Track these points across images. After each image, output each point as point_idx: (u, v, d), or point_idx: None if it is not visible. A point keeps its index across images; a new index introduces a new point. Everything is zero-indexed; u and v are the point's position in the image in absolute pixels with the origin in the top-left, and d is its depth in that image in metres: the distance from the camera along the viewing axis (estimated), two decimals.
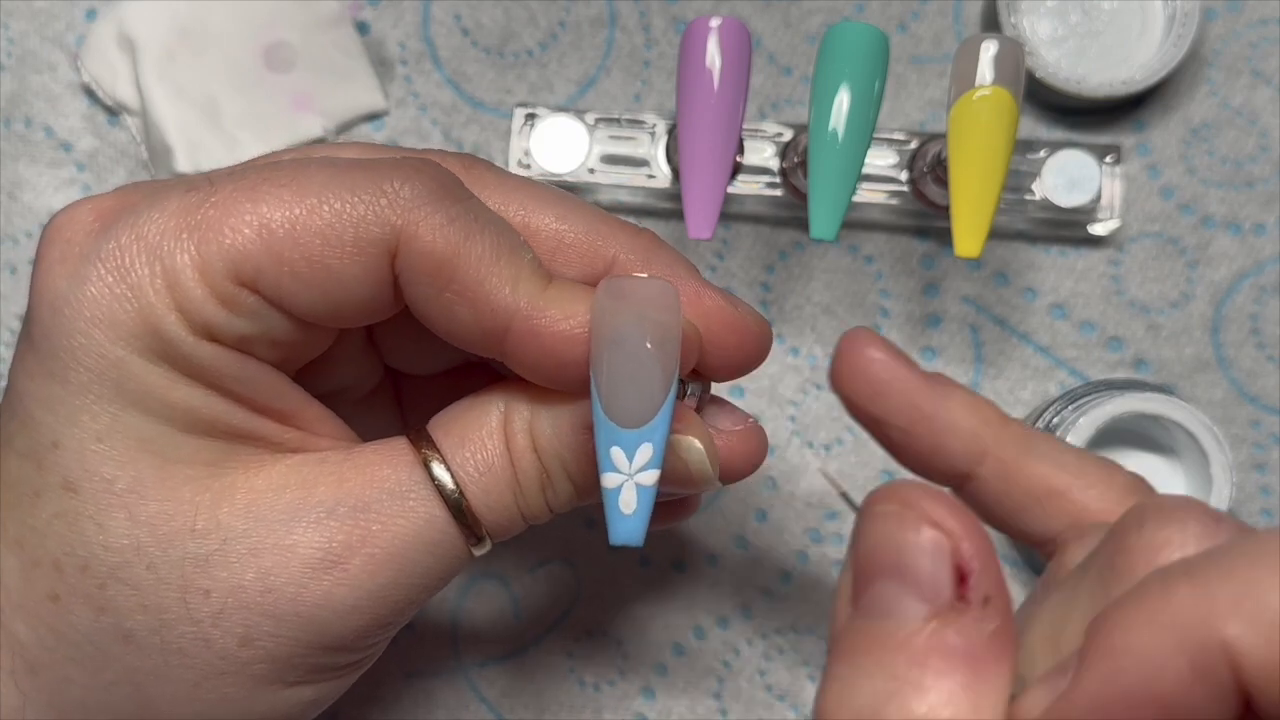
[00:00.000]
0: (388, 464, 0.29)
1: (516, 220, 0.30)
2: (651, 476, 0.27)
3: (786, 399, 0.44)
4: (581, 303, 0.28)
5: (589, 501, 0.30)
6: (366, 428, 0.34)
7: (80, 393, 0.27)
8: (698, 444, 0.29)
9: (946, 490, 0.26)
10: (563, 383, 0.28)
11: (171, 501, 0.28)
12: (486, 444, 0.29)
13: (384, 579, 0.28)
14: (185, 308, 0.27)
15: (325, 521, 0.28)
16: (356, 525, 0.28)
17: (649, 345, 0.26)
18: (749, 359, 0.30)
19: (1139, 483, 0.27)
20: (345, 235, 0.27)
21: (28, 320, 0.28)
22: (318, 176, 0.27)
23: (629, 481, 0.27)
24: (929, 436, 0.28)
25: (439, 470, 0.29)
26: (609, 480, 0.27)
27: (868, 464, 0.44)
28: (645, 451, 0.27)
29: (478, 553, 0.29)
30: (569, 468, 0.29)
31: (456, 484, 0.29)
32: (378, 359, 0.33)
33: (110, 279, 0.27)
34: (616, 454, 0.27)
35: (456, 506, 0.29)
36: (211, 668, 0.28)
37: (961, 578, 0.21)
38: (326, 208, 0.27)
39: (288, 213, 0.27)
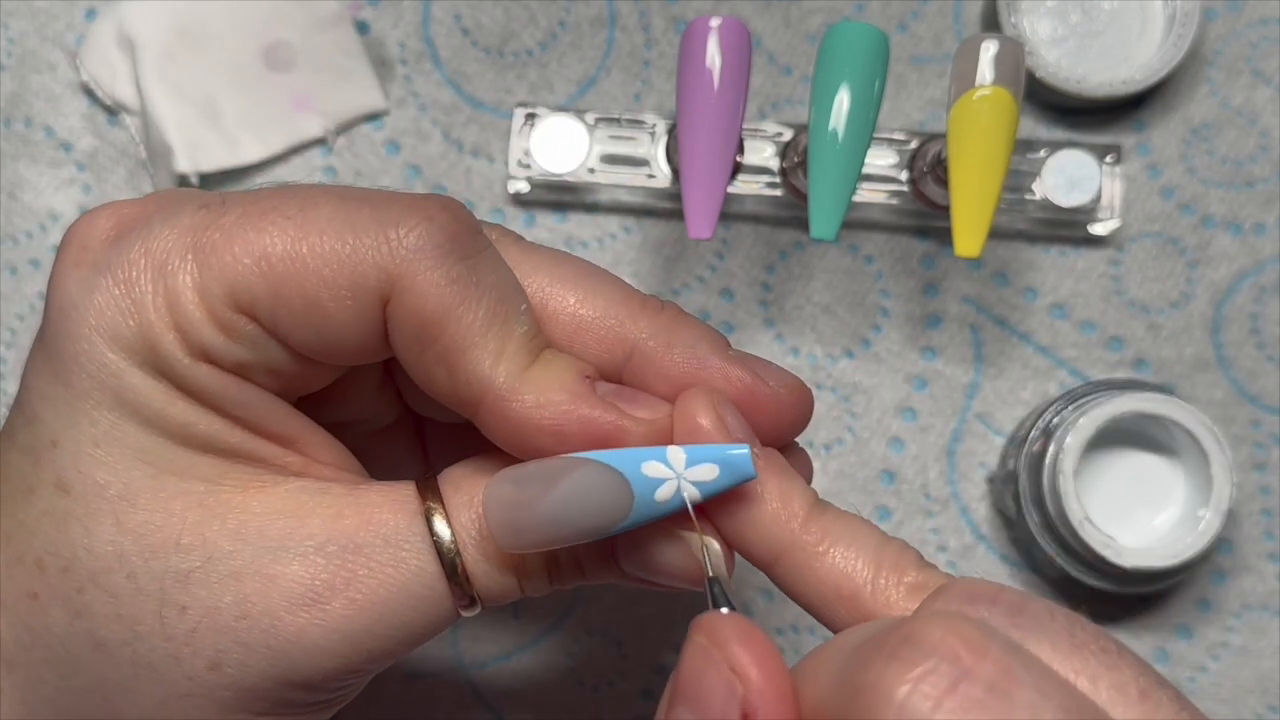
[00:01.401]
0: (389, 508, 0.28)
1: (535, 301, 0.29)
2: (695, 496, 0.27)
3: None
4: (561, 391, 0.27)
5: (594, 582, 0.30)
6: (385, 459, 0.34)
7: (82, 396, 0.27)
8: (715, 545, 0.28)
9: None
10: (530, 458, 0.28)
11: (160, 513, 0.27)
12: None
13: (360, 626, 0.28)
14: (183, 328, 0.27)
15: (312, 557, 0.28)
16: (343, 566, 0.28)
17: None
18: (785, 431, 0.30)
19: (929, 582, 0.26)
20: (340, 278, 0.27)
21: (42, 319, 0.28)
22: (324, 210, 0.27)
23: (675, 481, 0.27)
24: (730, 521, 0.28)
25: (439, 525, 0.28)
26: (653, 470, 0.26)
27: (867, 464, 0.44)
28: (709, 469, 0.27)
29: (466, 614, 0.29)
30: (577, 549, 0.29)
31: (455, 542, 0.28)
32: (395, 397, 0.33)
33: (117, 291, 0.27)
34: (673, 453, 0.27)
35: (451, 565, 0.28)
36: (177, 687, 0.28)
37: None
38: (326, 246, 0.27)
39: (289, 247, 0.27)
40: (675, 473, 0.27)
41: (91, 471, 0.27)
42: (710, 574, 0.27)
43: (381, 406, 0.33)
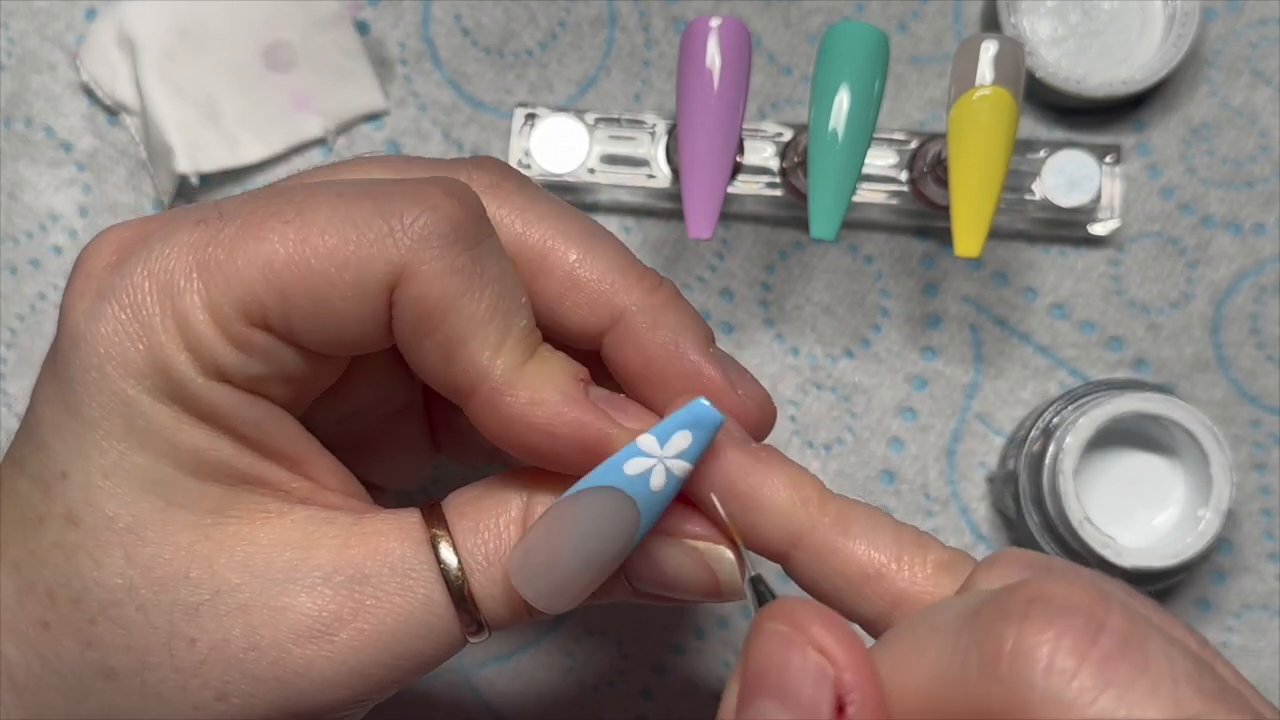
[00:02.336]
0: (395, 537, 0.28)
1: (536, 251, 0.29)
2: (684, 468, 0.27)
3: (787, 399, 0.44)
4: (555, 390, 0.27)
5: (606, 601, 0.30)
6: (395, 445, 0.34)
7: (91, 427, 0.27)
8: (729, 554, 0.28)
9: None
10: (518, 454, 0.28)
11: (169, 546, 0.27)
12: (502, 535, 0.28)
13: (369, 657, 0.28)
14: (195, 348, 0.27)
15: (320, 588, 0.28)
16: (351, 597, 0.28)
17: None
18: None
19: (956, 559, 0.27)
20: (346, 275, 0.27)
21: (53, 347, 0.28)
22: (323, 210, 0.27)
23: (660, 464, 0.27)
24: (742, 514, 0.27)
25: (446, 552, 0.28)
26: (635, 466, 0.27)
27: (867, 464, 0.44)
28: (683, 439, 0.27)
29: (474, 641, 0.29)
30: None
31: (462, 570, 0.28)
32: (406, 374, 0.33)
33: (123, 316, 0.27)
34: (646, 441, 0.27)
35: (459, 593, 0.28)
36: (184, 716, 0.28)
37: (841, 707, 0.22)
38: (330, 245, 0.27)
39: (291, 251, 0.27)
40: (656, 456, 0.27)
41: (101, 504, 0.27)
42: (752, 573, 0.27)
43: (395, 384, 0.33)
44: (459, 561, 0.28)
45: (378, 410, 0.34)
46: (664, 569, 0.28)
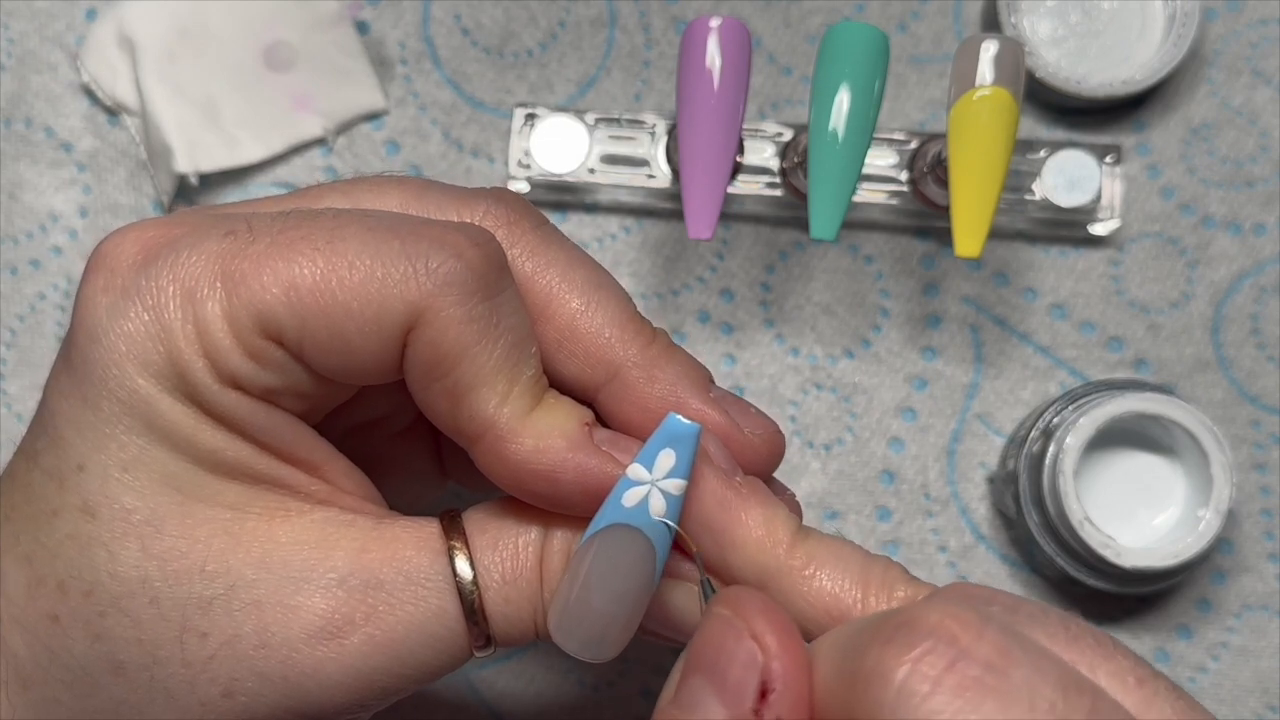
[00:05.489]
0: (413, 545, 0.28)
1: (540, 297, 0.29)
2: (678, 485, 0.27)
3: (787, 399, 0.44)
4: (560, 436, 0.27)
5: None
6: (404, 462, 0.34)
7: (111, 421, 0.27)
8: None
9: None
10: (524, 499, 0.28)
11: (186, 539, 0.27)
12: (520, 555, 0.29)
13: (377, 663, 0.28)
14: (213, 356, 0.27)
15: (334, 590, 0.28)
16: (364, 601, 0.28)
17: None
18: (755, 474, 0.30)
19: (918, 592, 0.27)
20: (367, 311, 0.27)
21: (67, 342, 0.28)
22: (353, 242, 0.27)
23: (653, 488, 0.27)
24: (715, 550, 0.28)
25: (462, 565, 0.28)
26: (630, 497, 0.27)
27: (868, 464, 0.44)
28: (668, 458, 0.27)
29: (480, 654, 0.29)
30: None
31: (476, 584, 0.28)
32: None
33: (146, 317, 0.27)
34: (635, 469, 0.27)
35: (470, 606, 0.28)
36: (190, 713, 0.28)
37: (765, 693, 0.23)
38: (355, 279, 0.27)
39: (317, 278, 0.27)
40: (647, 481, 0.27)
41: (118, 496, 0.27)
42: (703, 575, 0.28)
43: (404, 401, 0.33)
44: (474, 575, 0.28)
45: (386, 428, 0.34)
46: (669, 612, 0.29)
